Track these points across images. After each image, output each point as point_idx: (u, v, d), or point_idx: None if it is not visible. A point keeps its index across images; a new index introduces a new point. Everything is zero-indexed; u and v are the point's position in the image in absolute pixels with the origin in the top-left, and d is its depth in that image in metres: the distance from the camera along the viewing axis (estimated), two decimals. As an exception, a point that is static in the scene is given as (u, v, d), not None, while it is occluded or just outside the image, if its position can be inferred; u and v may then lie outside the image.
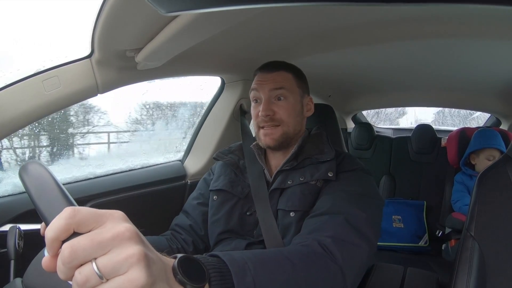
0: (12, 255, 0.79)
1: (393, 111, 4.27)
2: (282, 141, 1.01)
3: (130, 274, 0.36)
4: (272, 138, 1.00)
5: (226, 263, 0.55)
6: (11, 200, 1.04)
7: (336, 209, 0.85)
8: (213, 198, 1.08)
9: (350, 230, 0.80)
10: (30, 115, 0.97)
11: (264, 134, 1.01)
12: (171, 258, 0.45)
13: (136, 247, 0.37)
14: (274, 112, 1.00)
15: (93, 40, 0.94)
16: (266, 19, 1.05)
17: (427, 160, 2.43)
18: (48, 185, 0.62)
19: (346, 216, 0.82)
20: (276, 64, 1.05)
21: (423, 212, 2.25)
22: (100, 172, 1.31)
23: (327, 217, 0.83)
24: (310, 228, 0.83)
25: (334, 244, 0.74)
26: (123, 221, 0.40)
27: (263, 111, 0.99)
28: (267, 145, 1.02)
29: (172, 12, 0.46)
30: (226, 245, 1.00)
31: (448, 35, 1.17)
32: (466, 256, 0.87)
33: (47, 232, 0.38)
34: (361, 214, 0.84)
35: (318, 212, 0.87)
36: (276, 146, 1.02)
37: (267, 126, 1.01)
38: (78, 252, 0.36)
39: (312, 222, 0.86)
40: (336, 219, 0.82)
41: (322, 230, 0.79)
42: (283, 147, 1.03)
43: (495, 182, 0.92)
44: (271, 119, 0.99)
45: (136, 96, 1.63)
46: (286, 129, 1.01)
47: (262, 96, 1.01)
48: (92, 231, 0.38)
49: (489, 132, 2.03)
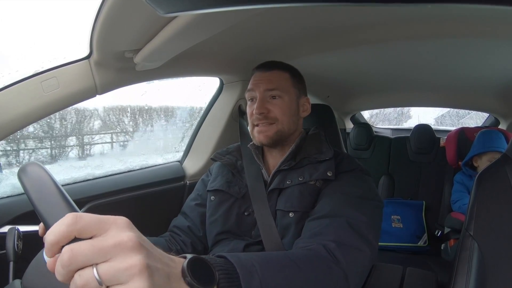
0: (11, 257, 0.79)
1: (397, 116, 4.26)
2: (277, 139, 1.01)
3: (131, 284, 0.36)
4: (266, 135, 1.00)
5: (234, 264, 0.55)
6: (10, 202, 1.04)
7: (337, 212, 0.85)
8: (211, 199, 1.08)
9: (352, 234, 0.80)
10: (29, 116, 0.97)
11: (258, 132, 1.01)
12: (181, 258, 0.45)
13: (138, 257, 0.37)
14: (268, 110, 1.00)
15: (92, 41, 0.94)
16: (264, 20, 1.05)
17: (426, 160, 2.43)
18: (47, 187, 0.62)
19: (348, 220, 0.82)
20: (272, 63, 1.05)
21: (422, 212, 2.25)
22: (99, 173, 1.30)
23: (328, 220, 0.83)
24: (312, 231, 0.83)
25: (338, 249, 0.75)
26: (127, 228, 0.40)
27: (257, 108, 0.99)
28: (261, 142, 1.02)
29: (171, 13, 0.46)
30: (224, 246, 1.00)
31: (446, 35, 1.17)
32: (466, 255, 0.87)
33: (47, 236, 0.38)
34: (362, 217, 0.84)
35: (319, 215, 0.87)
36: (270, 144, 1.02)
37: (261, 124, 1.00)
38: (78, 257, 0.36)
39: (314, 225, 0.85)
40: (337, 222, 0.82)
41: (325, 234, 0.79)
42: (277, 145, 1.03)
43: (494, 182, 0.92)
44: (265, 117, 1.00)
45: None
46: (280, 127, 1.01)
47: (257, 94, 1.01)
48: (94, 237, 0.38)
49: (493, 134, 2.00)
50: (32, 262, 0.68)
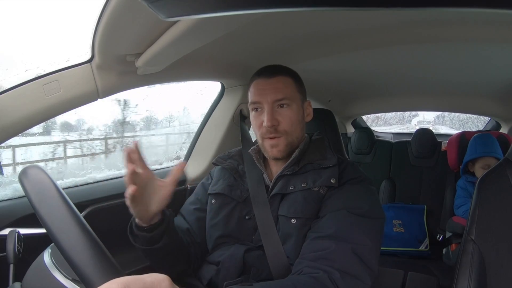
0: (11, 259, 0.79)
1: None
2: (288, 151, 1.00)
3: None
4: (278, 150, 0.99)
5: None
6: (11, 204, 1.04)
7: (342, 234, 0.86)
8: (212, 202, 1.08)
9: (357, 263, 0.83)
10: (30, 119, 0.97)
11: (271, 146, 1.00)
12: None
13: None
14: (278, 122, 0.98)
15: (94, 45, 0.94)
16: (265, 25, 1.05)
17: (427, 164, 2.43)
18: (48, 190, 0.62)
19: (353, 246, 0.84)
20: (273, 68, 1.02)
21: (423, 217, 2.24)
22: (100, 177, 1.30)
23: (334, 245, 0.84)
24: (316, 253, 0.84)
25: (342, 279, 0.78)
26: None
27: (269, 121, 0.96)
28: (274, 157, 1.01)
29: (173, 17, 0.47)
30: (224, 250, 1.00)
31: (447, 39, 1.17)
32: (467, 260, 0.87)
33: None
34: (366, 241, 0.86)
35: (324, 234, 0.87)
36: (283, 157, 1.01)
37: (272, 137, 0.99)
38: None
39: (318, 246, 0.86)
40: (343, 249, 0.83)
41: (330, 260, 0.82)
42: (287, 156, 1.02)
43: (495, 186, 0.92)
44: (275, 130, 0.98)
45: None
46: (290, 140, 1.00)
47: (265, 106, 0.99)
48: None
49: (484, 139, 1.99)
50: (32, 265, 0.68)
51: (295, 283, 0.77)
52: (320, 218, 0.93)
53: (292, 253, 0.92)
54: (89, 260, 0.54)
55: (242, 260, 0.95)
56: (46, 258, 0.66)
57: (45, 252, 0.68)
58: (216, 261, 0.98)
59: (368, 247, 0.85)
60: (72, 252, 0.55)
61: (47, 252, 0.67)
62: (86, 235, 0.57)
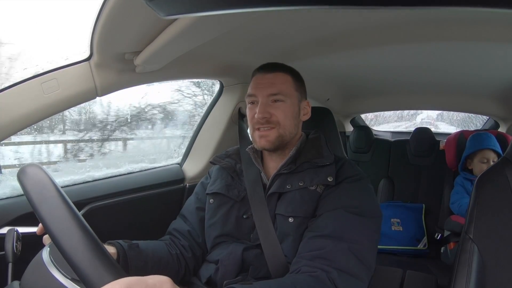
0: (10, 258, 0.79)
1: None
2: (278, 143, 1.00)
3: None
4: (267, 140, 0.99)
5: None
6: (9, 203, 1.04)
7: (340, 234, 0.86)
8: (210, 202, 1.08)
9: (354, 262, 0.83)
10: (29, 117, 0.97)
11: (259, 136, 1.00)
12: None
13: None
14: (270, 115, 0.99)
15: (92, 43, 0.94)
16: (265, 23, 1.05)
17: (426, 163, 2.43)
18: (47, 189, 0.62)
19: (350, 245, 0.84)
20: (274, 65, 1.04)
21: (422, 215, 2.25)
22: (99, 175, 1.30)
23: (331, 244, 0.84)
24: (313, 253, 0.84)
25: (339, 278, 0.80)
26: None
27: (260, 113, 0.98)
28: (263, 147, 1.01)
29: (171, 16, 0.46)
30: (223, 249, 1.00)
31: (446, 38, 1.17)
32: (465, 258, 0.88)
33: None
34: (363, 241, 0.86)
35: (321, 233, 0.87)
36: (271, 148, 1.01)
37: (263, 128, 1.00)
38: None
39: (315, 245, 0.86)
40: (340, 247, 0.84)
41: (327, 259, 0.82)
42: (278, 150, 1.02)
43: (493, 185, 0.92)
44: (267, 121, 0.99)
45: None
46: (282, 132, 1.00)
47: (259, 99, 1.00)
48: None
49: (481, 135, 2.02)
50: (31, 263, 0.68)
51: (294, 282, 0.77)
52: (317, 217, 0.93)
53: (290, 251, 0.92)
54: (88, 260, 0.54)
55: (241, 259, 0.95)
56: (45, 256, 0.65)
57: (43, 250, 0.68)
58: (215, 260, 0.99)
59: (365, 246, 0.86)
60: (71, 251, 0.55)
61: (46, 251, 0.67)
62: (85, 234, 0.57)
